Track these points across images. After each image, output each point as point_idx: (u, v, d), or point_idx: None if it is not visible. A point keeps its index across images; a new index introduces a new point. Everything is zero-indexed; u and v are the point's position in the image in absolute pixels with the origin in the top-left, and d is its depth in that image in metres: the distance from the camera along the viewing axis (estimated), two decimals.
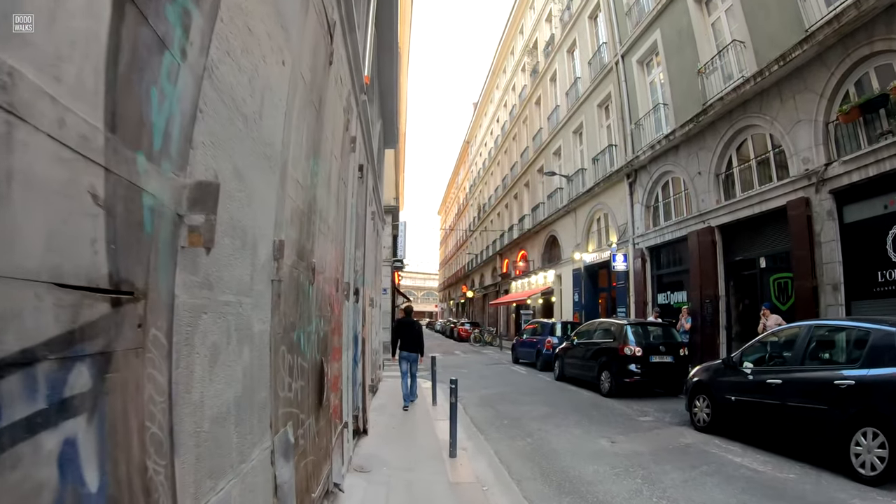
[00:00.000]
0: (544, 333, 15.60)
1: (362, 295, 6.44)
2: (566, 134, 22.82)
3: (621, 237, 17.41)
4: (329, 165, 3.87)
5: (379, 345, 11.04)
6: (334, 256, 4.20)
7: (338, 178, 4.38)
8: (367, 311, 6.88)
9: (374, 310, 9.64)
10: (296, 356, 2.69)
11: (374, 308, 9.40)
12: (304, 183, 2.96)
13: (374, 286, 9.39)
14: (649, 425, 8.06)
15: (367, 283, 7.39)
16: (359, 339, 5.99)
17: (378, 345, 10.87)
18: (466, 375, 13.98)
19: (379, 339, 10.72)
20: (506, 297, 30.65)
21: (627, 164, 16.97)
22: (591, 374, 11.42)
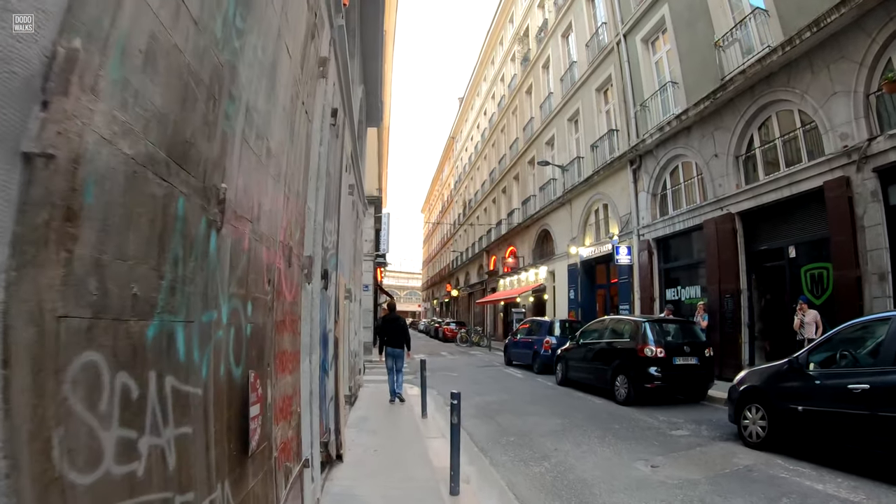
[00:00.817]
0: (541, 333, 14.18)
1: (335, 282, 4.88)
2: (560, 122, 21.49)
3: (624, 228, 16.09)
4: (275, 50, 2.34)
5: (359, 346, 9.49)
6: (283, 208, 2.67)
7: (294, 93, 2.85)
8: (341, 303, 5.32)
9: (353, 305, 8.07)
10: (151, 374, 1.15)
11: (352, 303, 7.85)
12: (197, 15, 1.42)
13: (352, 277, 7.83)
14: (688, 441, 6.65)
15: (342, 268, 5.83)
16: (330, 340, 4.43)
17: (358, 346, 9.30)
18: (457, 380, 12.48)
19: (359, 340, 9.16)
20: (493, 295, 29.25)
21: (631, 150, 15.66)
22: (602, 378, 10.01)
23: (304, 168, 3.30)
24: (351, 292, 7.09)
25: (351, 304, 7.60)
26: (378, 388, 10.63)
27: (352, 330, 7.60)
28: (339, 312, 4.86)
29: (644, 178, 15.43)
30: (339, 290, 5.02)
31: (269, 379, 2.27)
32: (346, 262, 6.22)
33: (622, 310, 15.65)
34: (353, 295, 7.79)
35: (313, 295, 3.57)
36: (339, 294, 4.97)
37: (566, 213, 20.16)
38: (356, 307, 8.29)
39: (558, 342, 13.56)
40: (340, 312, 5.04)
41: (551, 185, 22.07)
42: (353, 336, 7.84)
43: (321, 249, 3.92)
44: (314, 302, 3.61)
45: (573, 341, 11.51)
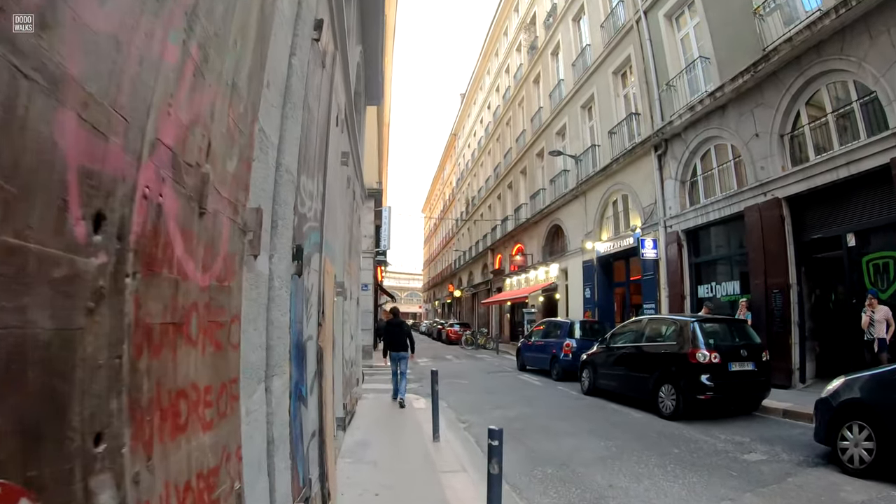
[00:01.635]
0: (560, 335, 12.76)
1: (320, 269, 3.47)
2: (572, 110, 20.10)
3: (647, 220, 14.68)
4: None
5: (357, 352, 8.08)
6: (190, 89, 1.24)
7: None
8: (329, 299, 3.90)
9: (349, 304, 6.66)
10: None
11: (347, 301, 6.44)
12: None
13: (348, 271, 6.41)
14: (772, 470, 5.25)
15: (332, 254, 4.42)
16: (309, 352, 3.02)
17: (355, 352, 7.89)
18: (468, 389, 11.06)
19: (356, 345, 7.72)
20: (499, 295, 27.82)
21: (656, 134, 14.26)
22: (641, 388, 8.60)
23: (255, 64, 1.90)
24: (345, 288, 5.69)
25: (346, 304, 6.19)
26: (379, 398, 9.21)
27: (346, 334, 6.19)
28: (324, 312, 3.45)
29: (671, 165, 14.03)
30: (326, 280, 3.61)
31: None
32: (337, 249, 4.82)
33: (646, 309, 14.24)
34: (349, 292, 6.41)
35: (273, 281, 2.17)
36: (326, 286, 3.56)
37: (580, 207, 18.76)
38: (352, 307, 6.88)
39: (579, 345, 12.16)
40: (328, 312, 3.63)
41: (563, 178, 20.67)
42: (349, 342, 6.44)
43: (291, 214, 2.52)
44: (275, 294, 2.20)
45: (602, 345, 10.09)
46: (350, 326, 6.60)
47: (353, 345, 7.01)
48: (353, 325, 7.43)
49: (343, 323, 5.86)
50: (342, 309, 5.77)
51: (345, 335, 5.97)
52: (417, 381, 12.44)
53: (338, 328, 5.23)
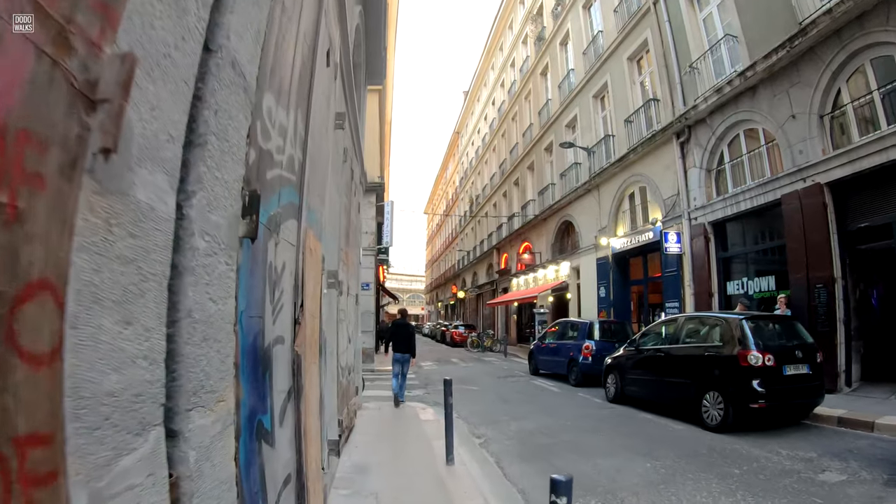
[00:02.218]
0: (578, 337, 11.73)
1: (300, 242, 2.46)
2: (583, 100, 19.12)
3: (669, 213, 13.68)
4: None
5: (356, 357, 7.07)
6: None
7: None
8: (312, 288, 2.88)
9: (346, 301, 5.66)
10: None
11: (343, 297, 5.45)
12: None
13: (344, 261, 5.42)
14: (859, 493, 4.28)
15: (320, 230, 3.43)
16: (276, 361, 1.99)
17: (354, 357, 6.88)
18: (479, 395, 10.05)
19: (355, 350, 6.68)
20: (506, 296, 26.79)
21: (678, 120, 13.27)
22: (680, 395, 7.60)
23: None
24: (339, 280, 4.70)
25: (342, 300, 5.20)
26: (381, 407, 8.22)
27: (343, 336, 5.20)
28: (303, 304, 2.45)
29: (695, 152, 13.03)
30: (308, 260, 2.61)
31: None
32: (327, 225, 3.83)
33: (669, 308, 13.22)
34: (346, 286, 5.41)
35: (193, 236, 1.16)
36: (307, 267, 2.56)
37: (593, 201, 17.75)
38: (350, 305, 5.88)
39: (599, 348, 11.16)
40: (310, 304, 2.63)
41: (573, 171, 19.67)
42: (347, 346, 5.45)
43: (241, 136, 1.50)
44: (200, 262, 1.20)
45: (630, 347, 9.07)
46: (347, 327, 5.60)
47: (352, 349, 6.02)
48: (352, 327, 6.45)
49: (339, 322, 4.87)
50: (337, 306, 4.77)
51: (340, 338, 4.98)
52: (422, 386, 11.43)
53: (331, 329, 4.23)
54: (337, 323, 4.76)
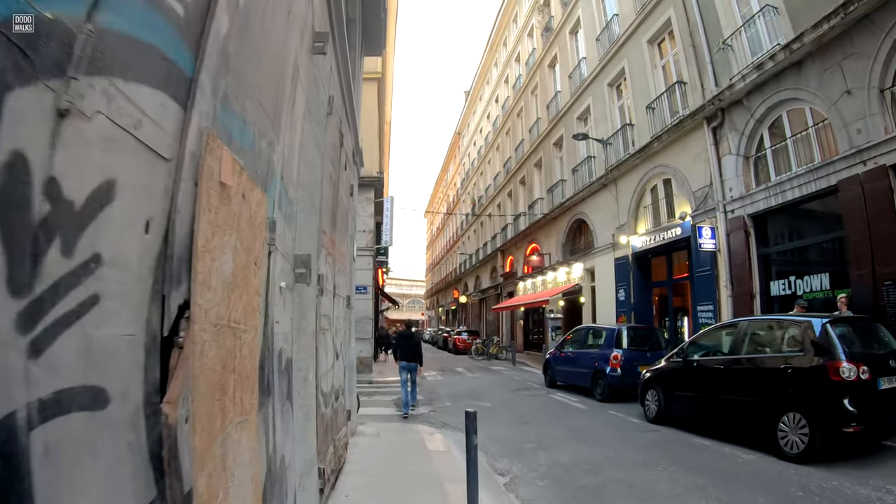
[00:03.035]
0: (605, 345, 10.31)
1: (183, 157, 0.96)
2: (597, 89, 17.81)
3: (700, 206, 12.32)
4: None
5: (348, 373, 5.63)
6: None
7: None
8: (211, 259, 1.43)
9: (333, 304, 4.24)
10: None
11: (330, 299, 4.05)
12: None
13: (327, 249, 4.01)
14: None
15: (270, 181, 2.01)
16: None
17: (345, 375, 5.45)
18: (493, 414, 8.63)
19: (345, 365, 5.22)
20: (512, 300, 25.37)
21: (711, 102, 11.94)
22: (746, 417, 6.21)
23: None
24: (318, 273, 3.33)
25: (325, 302, 3.81)
26: (381, 431, 6.78)
27: (328, 351, 3.82)
28: (187, 307, 1.05)
29: (730, 138, 11.69)
30: (211, 198, 1.20)
31: None
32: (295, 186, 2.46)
33: (702, 312, 11.84)
34: (331, 284, 4.02)
35: None
36: (201, 210, 1.16)
37: (609, 197, 16.39)
38: (337, 309, 4.47)
39: (628, 357, 9.76)
40: (209, 304, 1.23)
41: (586, 166, 18.33)
42: (334, 363, 4.03)
43: None
44: None
45: (676, 358, 7.66)
46: (334, 339, 4.21)
47: (342, 366, 4.62)
48: (343, 337, 5.07)
49: (319, 334, 3.48)
50: (316, 311, 3.38)
51: (323, 355, 3.59)
52: (427, 402, 10.03)
53: (304, 344, 2.85)
54: (316, 335, 3.37)
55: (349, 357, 5.63)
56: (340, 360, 4.42)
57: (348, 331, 5.62)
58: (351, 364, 5.70)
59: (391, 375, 14.75)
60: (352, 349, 5.73)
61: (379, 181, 15.38)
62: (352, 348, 5.74)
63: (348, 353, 5.52)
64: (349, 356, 5.62)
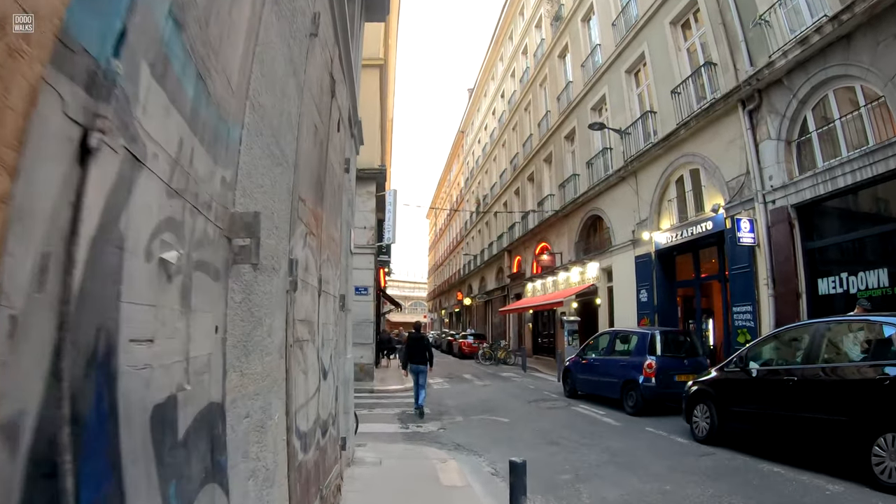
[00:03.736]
0: (635, 352, 9.16)
1: None
2: (613, 77, 16.71)
3: (734, 197, 11.21)
4: None
5: (344, 390, 4.51)
6: None
7: None
8: None
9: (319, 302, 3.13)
10: None
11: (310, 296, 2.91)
12: None
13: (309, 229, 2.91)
14: None
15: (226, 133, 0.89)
16: None
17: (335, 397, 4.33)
18: (513, 432, 7.50)
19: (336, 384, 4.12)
20: (520, 302, 24.23)
21: (747, 83, 10.83)
22: (829, 439, 5.07)
23: None
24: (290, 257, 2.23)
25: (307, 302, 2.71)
26: (383, 457, 5.66)
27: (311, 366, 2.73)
28: None
29: (769, 121, 10.58)
30: None
31: None
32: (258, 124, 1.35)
33: (739, 314, 10.71)
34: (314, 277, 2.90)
35: None
36: None
37: (628, 191, 15.27)
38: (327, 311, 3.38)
39: (663, 365, 8.63)
40: None
41: (602, 159, 17.22)
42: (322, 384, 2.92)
43: None
44: None
45: (734, 368, 6.51)
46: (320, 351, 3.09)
47: (333, 384, 3.51)
48: (336, 346, 3.97)
49: (295, 348, 2.37)
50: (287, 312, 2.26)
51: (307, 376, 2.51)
52: (436, 417, 8.91)
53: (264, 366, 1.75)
54: (287, 352, 2.25)
55: (345, 371, 4.52)
56: (331, 377, 3.33)
57: (343, 338, 4.51)
58: (347, 379, 4.60)
59: (393, 383, 13.63)
60: (348, 360, 4.62)
61: (381, 174, 14.29)
62: (348, 359, 4.63)
63: (343, 367, 4.41)
64: (345, 370, 4.52)
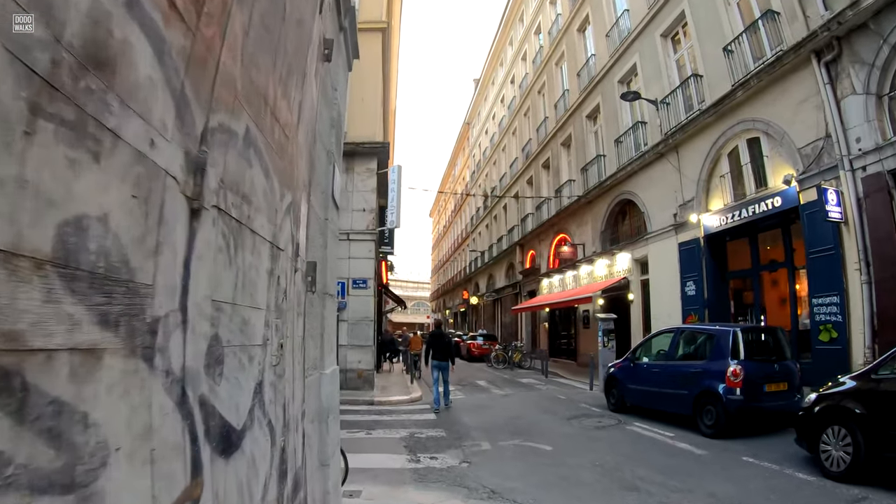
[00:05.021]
0: (713, 355, 7.08)
1: None
2: (647, 43, 14.75)
3: (809, 167, 9.25)
4: None
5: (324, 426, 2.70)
6: None
7: None
8: None
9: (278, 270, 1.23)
10: None
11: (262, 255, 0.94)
12: None
13: (284, 179, 1.01)
14: None
15: None
16: None
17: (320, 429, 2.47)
18: (562, 465, 5.55)
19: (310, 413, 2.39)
20: (537, 299, 22.23)
21: (823, 28, 8.88)
22: None
23: None
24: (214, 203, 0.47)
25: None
26: None
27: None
28: None
29: (853, 73, 8.62)
30: None
31: None
32: None
33: (821, 306, 8.75)
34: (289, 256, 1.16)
35: None
36: None
37: (667, 169, 13.30)
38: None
39: (751, 372, 6.65)
40: None
41: (633, 136, 15.27)
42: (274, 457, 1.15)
43: None
44: None
45: (888, 374, 4.54)
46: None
47: (299, 444, 1.76)
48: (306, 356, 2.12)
49: None
50: None
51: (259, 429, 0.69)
52: (451, 443, 6.95)
53: None
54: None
55: (322, 397, 2.60)
56: (295, 431, 1.53)
57: (319, 340, 2.58)
58: (326, 410, 2.67)
59: (397, 392, 11.68)
60: (326, 378, 2.68)
61: (383, 149, 12.35)
62: (326, 376, 2.69)
63: (319, 391, 2.51)
64: (321, 396, 2.59)
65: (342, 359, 11.37)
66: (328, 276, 2.80)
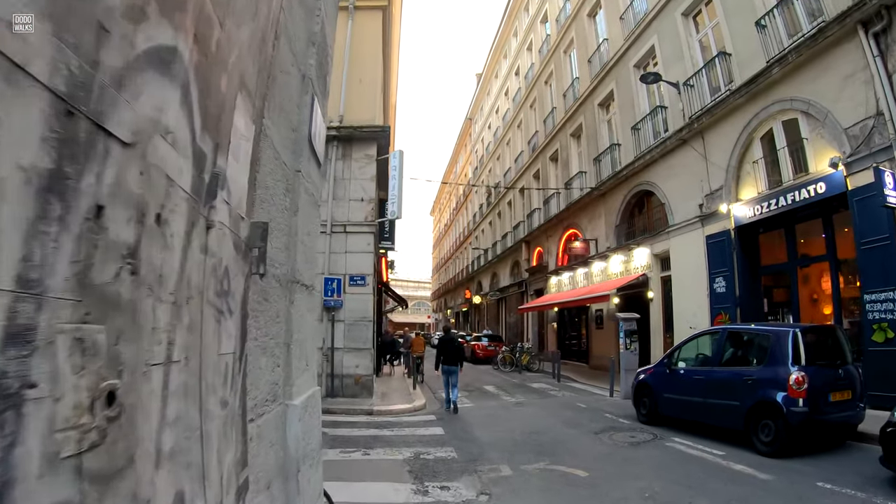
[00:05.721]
0: (769, 360, 6.03)
1: None
2: (666, 24, 13.77)
3: (858, 149, 8.28)
4: None
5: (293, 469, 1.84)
6: None
7: None
8: None
9: None
10: None
11: None
12: None
13: None
14: None
15: None
16: None
17: (284, 478, 1.56)
18: (604, 501, 4.60)
19: (271, 465, 1.58)
20: (546, 298, 21.22)
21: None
22: None
23: None
24: None
25: None
26: None
27: None
28: None
29: None
30: None
31: None
32: None
33: (875, 303, 7.78)
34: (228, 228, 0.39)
35: None
36: None
37: (691, 156, 12.32)
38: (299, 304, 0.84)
39: (815, 380, 5.68)
40: None
41: (651, 122, 14.30)
42: None
43: None
44: None
45: None
46: None
47: None
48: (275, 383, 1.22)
49: None
50: None
51: None
52: (469, 465, 5.97)
53: None
54: None
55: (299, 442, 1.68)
56: None
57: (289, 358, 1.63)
58: (299, 460, 1.74)
59: (399, 400, 10.71)
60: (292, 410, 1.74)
61: (383, 133, 11.37)
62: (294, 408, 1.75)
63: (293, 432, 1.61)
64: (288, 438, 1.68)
65: (338, 363, 10.39)
66: (298, 256, 1.83)
